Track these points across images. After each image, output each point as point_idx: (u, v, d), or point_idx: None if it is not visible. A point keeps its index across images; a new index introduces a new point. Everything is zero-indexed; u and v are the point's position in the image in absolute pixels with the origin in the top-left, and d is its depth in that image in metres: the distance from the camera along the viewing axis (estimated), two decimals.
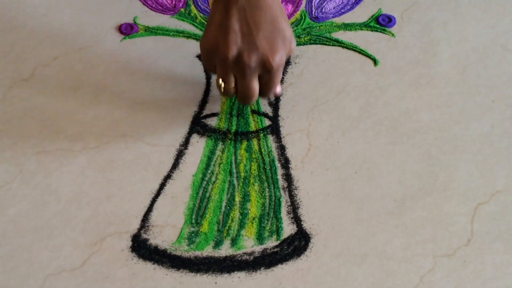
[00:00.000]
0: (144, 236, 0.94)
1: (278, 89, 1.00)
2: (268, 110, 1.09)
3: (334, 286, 0.88)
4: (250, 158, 1.02)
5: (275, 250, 0.92)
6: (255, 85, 0.93)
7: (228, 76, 0.92)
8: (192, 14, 1.25)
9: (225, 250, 0.92)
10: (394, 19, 1.23)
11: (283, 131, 1.06)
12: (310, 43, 1.20)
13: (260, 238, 0.93)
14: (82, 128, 1.06)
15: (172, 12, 1.25)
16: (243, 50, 0.88)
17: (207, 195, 0.98)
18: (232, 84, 0.93)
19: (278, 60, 0.90)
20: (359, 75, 1.15)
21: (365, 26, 1.22)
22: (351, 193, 0.98)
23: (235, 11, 0.88)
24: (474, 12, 1.24)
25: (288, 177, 1.00)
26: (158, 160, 1.02)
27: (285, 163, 1.02)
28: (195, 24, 1.23)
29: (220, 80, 0.94)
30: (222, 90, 0.95)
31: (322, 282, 0.88)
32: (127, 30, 1.21)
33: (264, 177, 1.00)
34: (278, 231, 0.94)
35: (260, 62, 0.89)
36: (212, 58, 0.92)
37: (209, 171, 1.00)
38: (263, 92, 0.96)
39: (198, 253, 0.92)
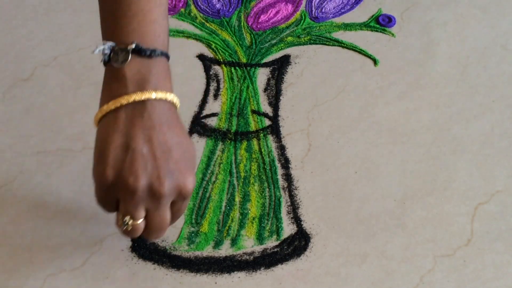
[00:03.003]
0: None
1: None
2: (268, 110, 1.09)
3: (334, 286, 0.88)
4: (250, 158, 1.02)
5: (275, 250, 0.92)
6: (169, 215, 0.77)
7: (138, 211, 0.74)
8: (192, 14, 1.25)
9: (225, 250, 0.92)
10: (394, 19, 1.23)
11: (283, 131, 1.06)
12: (310, 43, 1.20)
13: (260, 238, 0.93)
14: (82, 128, 1.06)
15: (172, 12, 1.25)
16: (154, 177, 0.71)
17: (207, 195, 0.98)
18: (141, 219, 0.76)
19: (193, 183, 0.75)
20: (359, 75, 1.14)
21: (365, 26, 1.22)
22: (351, 193, 0.98)
23: (140, 131, 0.71)
24: (474, 12, 1.24)
25: (288, 177, 1.00)
26: None
27: (285, 163, 1.02)
28: (195, 24, 1.23)
29: (128, 218, 0.75)
30: (129, 228, 0.76)
31: (322, 282, 0.88)
32: None
33: (264, 177, 1.00)
34: (278, 231, 0.94)
35: (175, 189, 0.73)
36: (113, 192, 0.74)
37: (209, 171, 1.00)
38: (172, 221, 0.80)
39: (198, 253, 0.92)
